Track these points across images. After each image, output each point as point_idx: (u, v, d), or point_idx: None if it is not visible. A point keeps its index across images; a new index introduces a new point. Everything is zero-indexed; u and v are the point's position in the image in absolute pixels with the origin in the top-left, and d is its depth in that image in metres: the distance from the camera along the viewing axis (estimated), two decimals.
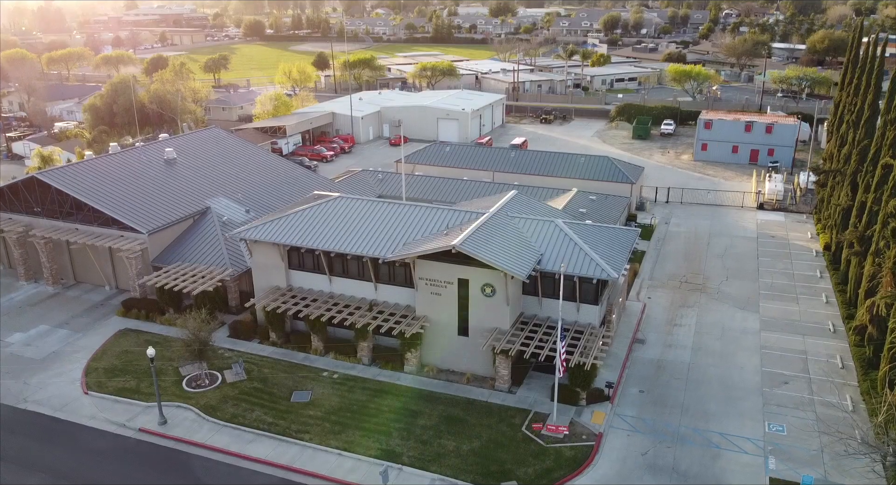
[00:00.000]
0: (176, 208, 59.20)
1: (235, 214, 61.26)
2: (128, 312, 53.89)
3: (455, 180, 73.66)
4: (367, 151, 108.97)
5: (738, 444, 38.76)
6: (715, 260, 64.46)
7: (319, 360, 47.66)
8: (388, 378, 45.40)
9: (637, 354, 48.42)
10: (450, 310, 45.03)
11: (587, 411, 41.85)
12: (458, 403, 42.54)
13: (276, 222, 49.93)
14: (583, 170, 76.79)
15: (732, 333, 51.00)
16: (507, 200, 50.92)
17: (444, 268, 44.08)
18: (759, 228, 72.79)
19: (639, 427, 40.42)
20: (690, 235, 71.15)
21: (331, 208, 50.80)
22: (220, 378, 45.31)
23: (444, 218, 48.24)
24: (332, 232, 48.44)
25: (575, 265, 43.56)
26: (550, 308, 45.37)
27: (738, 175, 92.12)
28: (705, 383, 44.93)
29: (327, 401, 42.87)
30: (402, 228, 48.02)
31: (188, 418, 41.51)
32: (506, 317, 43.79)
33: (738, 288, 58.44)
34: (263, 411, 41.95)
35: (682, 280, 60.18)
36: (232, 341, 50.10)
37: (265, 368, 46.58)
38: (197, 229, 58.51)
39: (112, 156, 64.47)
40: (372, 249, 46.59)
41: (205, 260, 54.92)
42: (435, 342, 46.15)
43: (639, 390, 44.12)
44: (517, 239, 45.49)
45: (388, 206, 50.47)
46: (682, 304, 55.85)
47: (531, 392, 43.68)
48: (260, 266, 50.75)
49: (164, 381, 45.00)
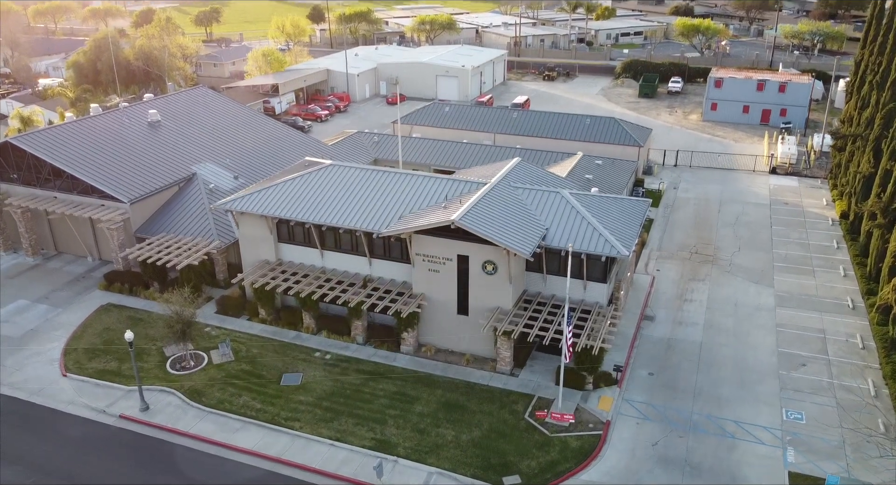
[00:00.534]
0: (160, 175, 56.06)
1: (223, 180, 58.17)
2: (110, 286, 51.27)
3: (454, 143, 70.29)
4: (362, 110, 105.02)
5: (754, 433, 36.55)
6: (726, 229, 61.62)
7: (311, 339, 45.22)
8: (383, 359, 43.04)
9: (646, 333, 45.98)
10: (448, 288, 42.40)
11: (594, 396, 39.56)
12: (457, 387, 40.23)
13: (264, 193, 46.92)
14: (588, 132, 73.34)
15: (746, 310, 48.48)
16: (510, 169, 47.81)
17: (442, 243, 41.28)
18: (771, 193, 69.73)
19: (649, 414, 38.18)
20: (700, 201, 68.15)
21: (322, 177, 47.73)
22: (206, 359, 42.92)
23: (442, 188, 45.22)
24: (323, 203, 45.49)
25: (582, 241, 40.76)
26: (555, 286, 42.73)
27: (749, 136, 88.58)
28: (718, 364, 42.58)
29: (319, 385, 40.55)
30: (398, 199, 45.04)
31: (172, 404, 39.23)
32: (508, 296, 41.17)
33: (751, 260, 55.74)
34: (251, 395, 39.66)
35: (693, 251, 57.44)
36: (219, 318, 47.59)
37: (254, 347, 44.16)
38: (182, 197, 55.49)
39: (92, 118, 60.98)
40: (365, 222, 43.70)
41: (190, 231, 52.07)
42: (433, 321, 43.66)
43: (648, 373, 41.79)
44: (521, 212, 42.56)
45: (383, 175, 47.38)
46: (693, 277, 53.23)
47: (534, 375, 41.35)
48: (248, 239, 47.93)
49: (147, 363, 42.64)
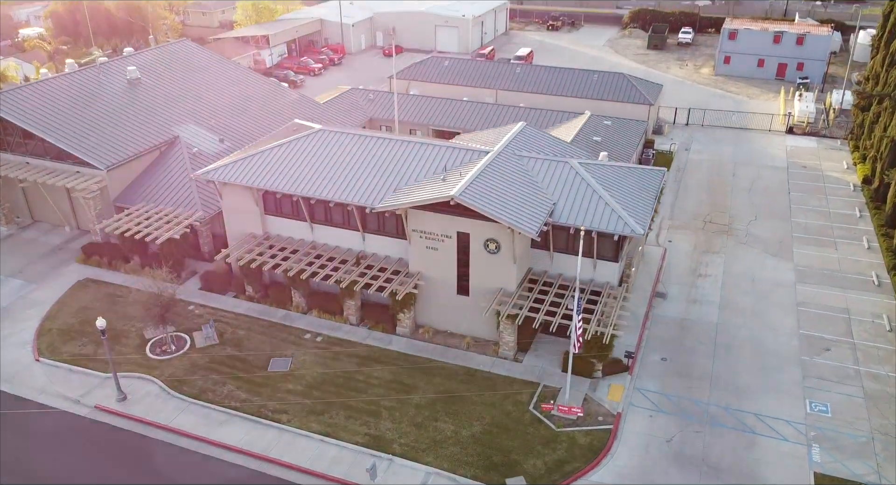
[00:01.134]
0: (140, 138, 52.35)
1: (207, 143, 54.51)
2: (88, 259, 48.20)
3: (454, 102, 66.27)
4: (358, 62, 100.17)
5: (776, 428, 34.02)
6: (741, 195, 58.25)
7: (301, 318, 42.40)
8: (378, 342, 40.30)
9: (658, 312, 43.15)
10: (448, 266, 39.36)
11: (603, 384, 36.94)
12: (457, 374, 37.58)
13: (249, 161, 43.42)
14: (596, 89, 69.24)
15: (764, 286, 45.56)
16: (515, 135, 44.17)
17: (440, 219, 38.07)
18: (788, 155, 66.08)
19: (662, 405, 35.60)
20: (713, 164, 64.57)
21: (311, 144, 44.15)
22: (189, 342, 40.15)
23: (441, 157, 41.72)
24: (312, 174, 42.06)
25: (593, 218, 37.53)
26: (563, 264, 39.69)
27: (764, 92, 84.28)
28: (736, 348, 39.86)
29: (309, 371, 37.89)
30: (393, 169, 41.59)
31: (151, 393, 36.62)
32: (512, 276, 38.17)
33: (768, 230, 52.56)
34: (237, 383, 37.02)
35: (706, 220, 54.21)
36: (203, 295, 44.69)
37: (240, 328, 41.38)
38: (164, 163, 51.93)
39: (67, 76, 56.83)
40: (357, 195, 40.36)
41: (172, 200, 48.72)
42: (431, 301, 40.77)
43: (661, 358, 39.10)
44: (526, 185, 39.20)
45: (377, 141, 43.78)
46: (707, 249, 50.14)
47: (539, 360, 38.67)
48: (232, 211, 44.64)
49: (126, 346, 39.89)
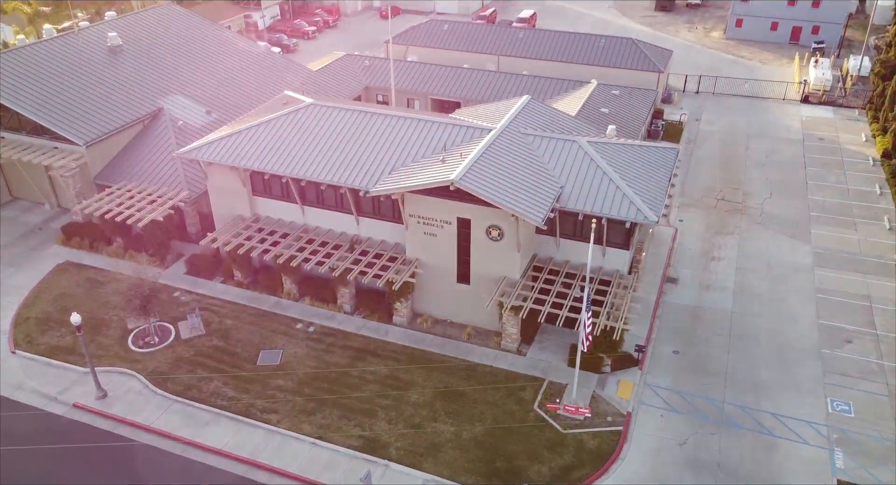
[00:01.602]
0: (122, 111, 49.37)
1: (194, 115, 51.58)
2: (69, 241, 45.71)
3: (454, 69, 62.99)
4: (354, 24, 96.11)
5: (796, 429, 32.05)
6: (755, 170, 55.53)
7: (293, 306, 40.17)
8: (373, 332, 38.13)
9: (669, 299, 40.92)
10: (447, 254, 36.97)
11: (612, 380, 34.88)
12: (457, 369, 35.49)
13: (235, 138, 40.65)
14: (603, 55, 65.96)
15: (781, 270, 43.24)
16: (519, 110, 41.30)
17: (439, 204, 35.54)
18: (804, 127, 63.11)
19: (675, 404, 33.59)
20: (725, 135, 61.65)
21: (301, 120, 41.31)
22: (174, 333, 37.96)
23: (440, 135, 38.96)
24: (302, 153, 39.34)
25: (603, 203, 35.00)
26: (570, 251, 37.30)
27: (777, 57, 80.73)
28: (752, 339, 37.73)
29: (301, 365, 35.79)
30: (389, 147, 38.87)
31: (133, 390, 34.56)
32: (515, 264, 35.81)
33: (784, 208, 50.02)
34: (224, 379, 34.94)
35: (719, 197, 51.62)
36: (190, 280, 42.39)
37: (228, 317, 39.17)
38: (147, 137, 49.10)
39: (44, 43, 53.53)
40: (351, 177, 37.74)
41: (156, 178, 46.05)
42: (430, 289, 38.50)
43: (673, 351, 36.98)
44: (531, 167, 36.54)
45: (371, 118, 40.91)
46: (720, 229, 47.67)
47: (544, 353, 36.55)
48: (218, 191, 42.04)
49: (107, 337, 37.70)
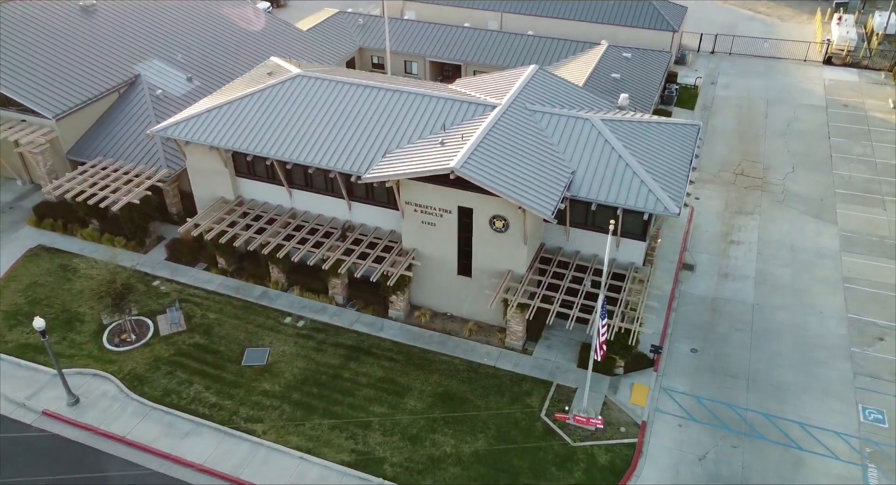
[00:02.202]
0: (95, 79, 45.63)
1: (174, 83, 47.85)
2: (41, 222, 42.59)
3: (454, 29, 58.85)
4: None
5: (825, 441, 29.58)
6: (776, 141, 52.01)
7: (281, 297, 37.34)
8: (368, 327, 35.41)
9: (685, 288, 38.08)
10: (447, 244, 33.95)
11: (625, 384, 32.28)
12: (457, 370, 32.85)
13: (215, 115, 37.16)
14: (613, 13, 61.64)
15: (805, 256, 40.28)
16: (525, 82, 37.64)
17: (439, 192, 32.36)
18: (827, 91, 59.28)
19: (693, 411, 31.04)
20: (743, 101, 57.88)
21: (287, 94, 37.72)
22: (152, 328, 35.22)
23: (439, 111, 35.46)
24: (287, 131, 35.92)
25: (619, 192, 31.80)
26: (580, 240, 34.28)
27: (798, 13, 76.12)
28: (775, 335, 35.03)
29: (289, 366, 33.14)
30: (383, 126, 35.42)
31: (107, 395, 31.96)
32: (522, 258, 32.82)
33: (807, 184, 46.75)
34: (206, 382, 32.31)
35: (737, 172, 48.27)
36: (171, 267, 39.48)
37: (210, 310, 36.37)
38: (123, 108, 45.50)
39: (9, 3, 49.42)
40: (342, 159, 34.44)
41: (133, 153, 42.68)
42: (428, 281, 35.63)
43: (690, 349, 34.30)
44: (539, 151, 33.18)
45: (364, 92, 37.27)
46: (739, 209, 44.51)
47: (552, 352, 33.90)
48: (199, 172, 38.75)
49: (81, 334, 34.94)
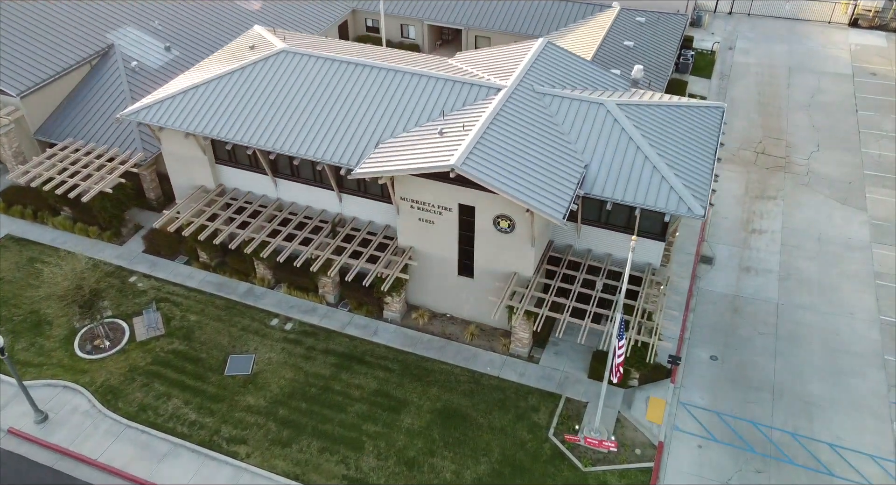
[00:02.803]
0: (64, 50, 41.91)
1: (151, 53, 44.12)
2: (10, 209, 39.55)
3: None
4: None
5: (858, 466, 27.23)
6: (799, 114, 48.50)
7: (267, 295, 34.59)
8: (361, 331, 32.75)
9: (703, 285, 35.31)
10: (447, 243, 31.01)
11: (640, 397, 29.78)
12: (458, 382, 30.31)
13: (191, 97, 33.72)
14: None
15: (833, 248, 37.38)
16: (532, 59, 34.01)
17: (437, 188, 29.27)
18: (853, 57, 55.39)
19: (714, 430, 28.61)
20: (763, 68, 54.06)
21: (270, 72, 34.19)
22: (128, 332, 32.55)
23: (438, 94, 32.02)
24: (270, 116, 32.56)
25: (637, 189, 28.70)
26: (592, 239, 31.34)
27: None
28: (802, 340, 32.40)
29: (276, 377, 30.59)
30: (377, 110, 32.05)
31: (79, 411, 29.48)
32: (529, 260, 29.93)
33: (833, 164, 43.51)
34: (185, 396, 29.78)
35: (758, 150, 44.95)
36: (149, 260, 36.62)
37: (191, 311, 33.65)
38: (95, 82, 41.91)
39: None
40: (330, 149, 31.19)
41: (106, 135, 39.34)
42: (426, 280, 32.82)
43: (710, 356, 31.72)
44: (549, 142, 29.90)
45: (355, 70, 33.71)
46: (761, 193, 41.38)
47: (560, 360, 31.32)
48: (175, 158, 35.52)
49: (50, 339, 32.26)
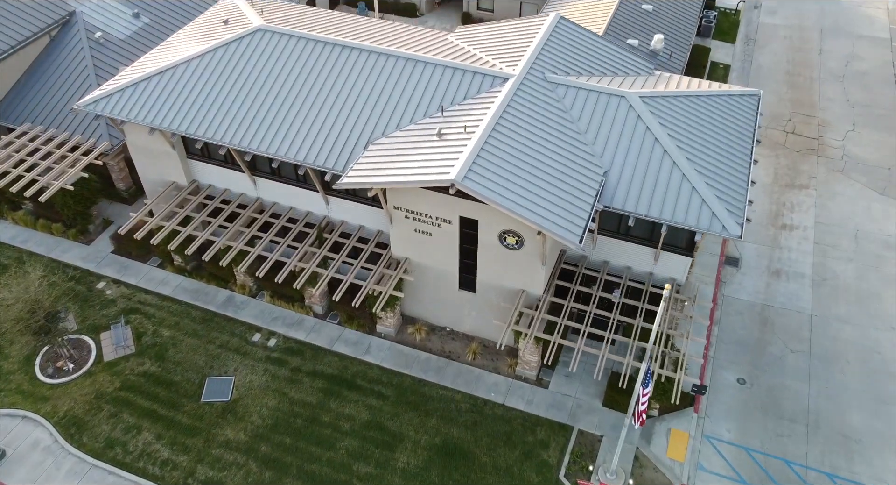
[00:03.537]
0: (18, 20, 37.42)
1: (118, 22, 39.60)
2: None
3: None
4: None
5: None
6: (832, 86, 44.25)
7: (249, 305, 31.39)
8: (352, 348, 29.68)
9: (729, 292, 32.03)
10: (446, 256, 27.60)
11: (660, 429, 26.92)
12: (458, 411, 27.39)
13: (156, 83, 29.68)
14: None
15: (871, 248, 33.96)
16: (543, 40, 29.76)
17: (435, 199, 25.68)
18: (891, 18, 50.61)
19: (742, 469, 25.84)
20: (792, 31, 49.42)
21: (243, 56, 30.00)
22: (94, 351, 29.47)
23: (436, 84, 28.02)
24: (244, 110, 28.62)
25: (664, 202, 25.12)
26: (609, 251, 27.95)
27: None
28: (839, 359, 29.36)
29: (257, 405, 27.66)
30: (366, 103, 28.09)
31: (39, 446, 26.65)
32: (539, 278, 26.59)
33: (871, 146, 39.63)
34: (157, 428, 26.88)
35: (788, 130, 40.98)
36: (118, 263, 33.28)
37: (165, 325, 30.49)
38: (55, 55, 37.63)
39: None
40: (312, 151, 27.40)
41: (69, 119, 35.37)
42: (424, 292, 29.57)
43: (737, 379, 28.73)
44: (563, 146, 26.06)
45: (341, 54, 29.53)
46: (792, 181, 37.67)
47: (572, 383, 28.33)
48: (142, 152, 31.72)
49: (8, 360, 29.12)
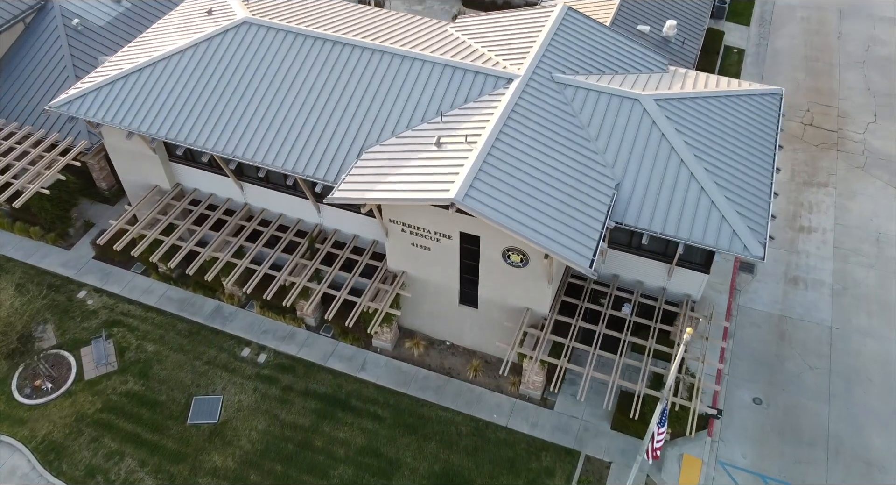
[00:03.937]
0: None
1: (96, 6, 37.28)
2: None
3: None
4: None
5: None
6: (852, 73, 42.01)
7: (238, 316, 29.73)
8: (346, 364, 28.12)
9: (744, 302, 30.36)
10: (446, 271, 25.86)
11: (671, 456, 25.50)
12: (459, 434, 25.93)
13: (133, 82, 27.58)
14: None
15: (893, 253, 32.15)
16: (550, 35, 27.59)
17: (434, 215, 23.84)
18: None
19: None
20: (810, 12, 46.91)
21: (227, 52, 27.83)
22: (74, 368, 27.91)
23: (435, 86, 25.94)
24: (228, 112, 26.59)
25: (681, 219, 23.31)
26: (621, 264, 26.23)
27: None
28: (860, 376, 27.82)
29: (246, 427, 26.19)
30: (359, 106, 26.06)
31: (17, 473, 25.24)
32: (545, 296, 24.88)
33: (893, 140, 37.56)
34: (141, 455, 25.44)
35: (806, 121, 38.90)
36: (100, 269, 31.53)
37: (149, 339, 28.88)
38: (30, 45, 35.40)
39: None
40: (301, 160, 25.46)
41: (44, 116, 33.26)
42: (422, 306, 27.91)
43: (753, 399, 27.23)
44: (571, 156, 24.11)
45: (332, 51, 27.34)
46: (810, 178, 35.75)
47: (579, 404, 26.81)
48: (121, 155, 29.75)
49: None
